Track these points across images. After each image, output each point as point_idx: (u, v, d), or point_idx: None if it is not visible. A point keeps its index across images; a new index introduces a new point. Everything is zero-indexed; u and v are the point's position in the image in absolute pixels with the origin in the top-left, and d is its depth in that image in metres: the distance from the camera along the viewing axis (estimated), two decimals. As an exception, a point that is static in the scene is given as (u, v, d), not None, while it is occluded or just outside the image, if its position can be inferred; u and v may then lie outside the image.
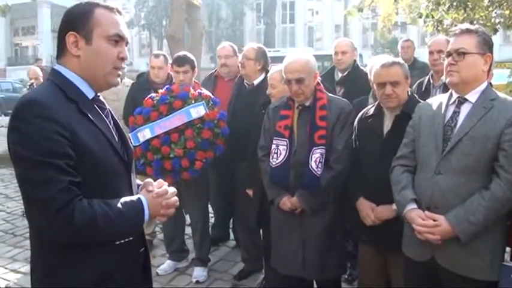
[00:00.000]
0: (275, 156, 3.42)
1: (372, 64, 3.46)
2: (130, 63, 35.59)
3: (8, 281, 4.82)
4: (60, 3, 31.05)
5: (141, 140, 4.31)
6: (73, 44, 1.82)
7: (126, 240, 1.88)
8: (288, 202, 3.39)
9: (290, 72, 3.36)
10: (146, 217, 1.85)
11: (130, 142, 4.26)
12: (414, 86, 4.55)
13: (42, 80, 6.24)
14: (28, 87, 6.65)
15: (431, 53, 4.37)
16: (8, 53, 40.07)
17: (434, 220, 2.53)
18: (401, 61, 3.16)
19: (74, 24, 1.82)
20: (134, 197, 1.87)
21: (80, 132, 1.73)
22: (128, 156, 1.98)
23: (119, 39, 1.87)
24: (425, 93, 4.26)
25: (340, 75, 4.89)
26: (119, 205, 1.77)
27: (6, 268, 5.13)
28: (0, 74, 35.17)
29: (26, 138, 1.65)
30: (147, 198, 1.87)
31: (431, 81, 4.36)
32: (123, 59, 1.90)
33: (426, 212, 2.58)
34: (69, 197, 1.65)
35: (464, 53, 2.56)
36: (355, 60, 4.97)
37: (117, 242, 1.85)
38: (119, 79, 1.93)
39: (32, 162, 1.64)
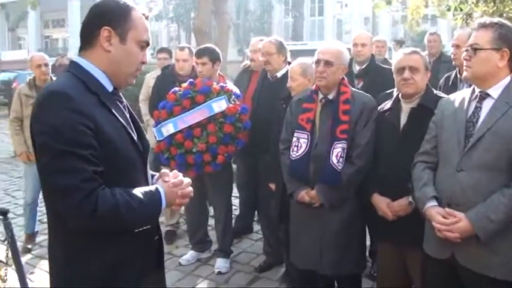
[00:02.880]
0: (295, 149, 3.41)
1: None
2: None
3: (34, 266, 4.97)
4: (90, -4, 31.42)
5: (165, 134, 4.38)
6: (106, 38, 1.86)
7: (144, 228, 1.93)
8: (306, 196, 3.39)
9: (322, 53, 3.40)
10: (163, 206, 1.91)
11: (155, 138, 4.36)
12: (442, 80, 4.50)
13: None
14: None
15: (452, 46, 4.34)
16: (38, 45, 40.63)
17: (454, 217, 2.50)
18: (423, 53, 3.18)
19: (111, 20, 1.86)
20: (152, 187, 1.92)
21: (102, 123, 1.78)
22: (144, 147, 2.03)
23: (145, 46, 1.96)
24: (452, 87, 4.20)
25: (357, 68, 4.86)
26: (139, 194, 1.82)
27: (32, 254, 5.30)
28: (31, 66, 35.76)
29: (52, 128, 1.69)
30: (163, 188, 1.92)
31: (458, 75, 4.30)
32: (143, 63, 1.98)
33: (446, 209, 2.56)
34: (93, 186, 1.70)
35: (476, 49, 2.54)
36: (372, 54, 4.96)
37: (136, 230, 1.90)
38: (134, 81, 2.02)
39: (57, 152, 1.68)
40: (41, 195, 5.63)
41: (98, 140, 1.75)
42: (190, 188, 2.02)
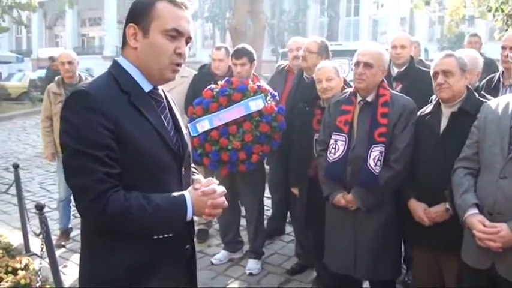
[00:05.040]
0: (333, 151, 3.37)
1: None
2: (193, 54, 36.07)
3: (67, 260, 5.05)
4: (126, -5, 31.82)
5: (200, 130, 4.38)
6: (132, 35, 1.83)
7: (166, 235, 1.87)
8: (342, 199, 3.35)
9: (362, 54, 3.36)
10: (189, 215, 1.82)
11: (189, 134, 4.33)
12: (483, 81, 4.39)
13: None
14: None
15: (503, 48, 4.17)
16: (75, 43, 41.33)
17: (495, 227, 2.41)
18: (460, 54, 3.10)
19: (135, 16, 1.83)
20: (178, 193, 1.83)
21: (126, 124, 1.74)
22: (182, 151, 1.97)
23: (176, 35, 1.83)
24: (494, 90, 4.08)
25: (396, 70, 4.76)
26: (159, 200, 1.76)
27: (65, 248, 5.40)
28: (68, 63, 36.41)
29: (72, 127, 1.70)
30: (192, 195, 1.83)
31: (501, 79, 4.16)
32: (180, 55, 1.85)
33: (486, 222, 2.46)
34: (104, 187, 1.68)
35: None
36: (411, 56, 4.84)
37: (156, 237, 1.84)
38: (175, 75, 1.90)
39: (73, 151, 1.69)
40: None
41: (119, 142, 1.72)
42: (223, 199, 1.89)
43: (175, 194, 1.83)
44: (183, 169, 1.98)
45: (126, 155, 1.74)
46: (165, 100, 1.99)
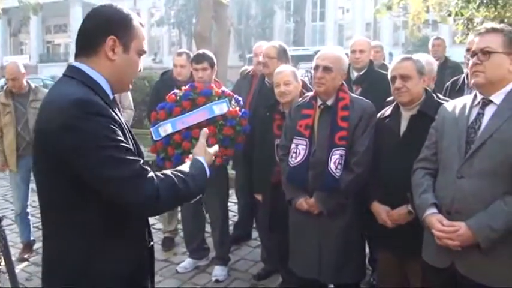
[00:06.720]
0: (294, 155, 3.37)
1: None
2: (160, 60, 35.90)
3: (30, 273, 4.93)
4: (92, 1, 31.52)
5: (163, 134, 4.33)
6: (110, 47, 1.84)
7: (138, 234, 1.98)
8: (304, 203, 3.35)
9: (321, 58, 3.37)
10: (207, 170, 2.04)
11: (152, 138, 4.35)
12: (448, 84, 4.45)
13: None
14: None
15: (468, 50, 4.24)
16: (39, 50, 40.85)
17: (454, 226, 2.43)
18: (418, 58, 3.13)
19: (116, 29, 1.85)
20: (193, 160, 2.05)
21: (121, 126, 1.81)
22: (140, 156, 1.99)
23: (142, 54, 1.96)
24: (459, 92, 4.15)
25: (355, 74, 4.80)
26: (187, 169, 1.94)
27: (29, 261, 5.27)
28: (32, 71, 35.47)
29: (90, 132, 1.68)
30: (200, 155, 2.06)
31: (466, 81, 4.22)
32: (139, 71, 2.00)
33: (445, 222, 2.48)
34: (147, 172, 1.77)
35: (489, 52, 2.46)
36: (371, 60, 4.89)
37: (130, 239, 1.90)
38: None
39: (106, 149, 1.69)
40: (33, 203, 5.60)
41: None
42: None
43: (190, 161, 2.05)
44: None
45: None
46: (120, 107, 2.08)
